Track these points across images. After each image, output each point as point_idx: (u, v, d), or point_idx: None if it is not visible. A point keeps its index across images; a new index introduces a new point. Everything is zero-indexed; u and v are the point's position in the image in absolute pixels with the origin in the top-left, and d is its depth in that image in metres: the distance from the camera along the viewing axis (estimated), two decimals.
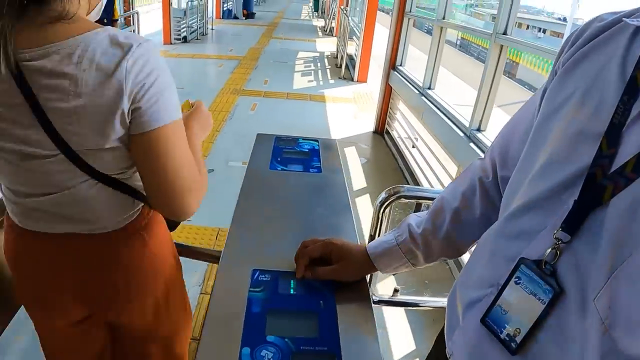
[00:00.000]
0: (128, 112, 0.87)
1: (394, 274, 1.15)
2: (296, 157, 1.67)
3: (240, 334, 0.87)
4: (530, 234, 0.66)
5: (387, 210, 1.58)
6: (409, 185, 1.86)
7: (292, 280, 1.02)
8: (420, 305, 1.80)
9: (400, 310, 2.55)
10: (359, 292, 1.03)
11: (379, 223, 1.61)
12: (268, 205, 1.34)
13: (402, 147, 4.94)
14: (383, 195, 1.57)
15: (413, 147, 4.60)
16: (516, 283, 0.65)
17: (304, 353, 0.86)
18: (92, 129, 0.87)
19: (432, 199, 1.48)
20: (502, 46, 2.94)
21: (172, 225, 1.25)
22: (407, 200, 1.60)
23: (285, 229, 1.22)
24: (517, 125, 0.86)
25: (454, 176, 3.35)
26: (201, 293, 2.74)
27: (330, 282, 1.03)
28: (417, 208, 1.73)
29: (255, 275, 1.02)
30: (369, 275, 1.09)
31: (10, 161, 0.91)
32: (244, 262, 1.06)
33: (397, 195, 1.55)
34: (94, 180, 0.95)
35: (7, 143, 0.89)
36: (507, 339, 0.65)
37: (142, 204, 1.08)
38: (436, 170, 3.80)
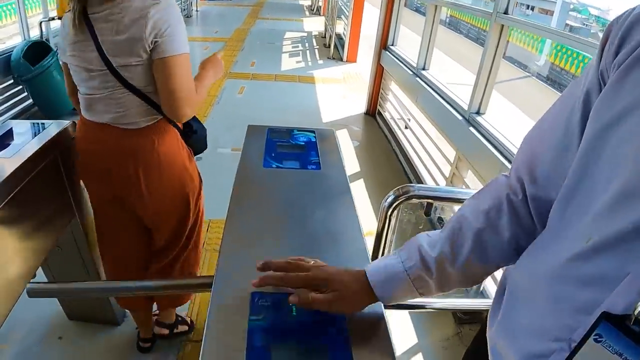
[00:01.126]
0: (150, 43, 1.41)
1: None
2: (292, 152, 1.54)
3: None
4: (606, 280, 0.54)
5: (396, 212, 1.44)
6: (419, 185, 1.73)
7: (293, 306, 0.89)
8: (426, 307, 1.66)
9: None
10: (374, 310, 0.91)
11: (386, 228, 1.47)
12: (264, 212, 1.21)
13: (396, 129, 4.82)
14: (391, 196, 1.43)
15: (406, 128, 4.47)
16: (596, 341, 0.53)
17: None
18: (127, 53, 1.42)
19: (446, 199, 1.35)
20: (502, 26, 2.80)
21: (199, 149, 1.84)
22: (417, 201, 1.46)
23: (285, 241, 1.09)
24: (546, 136, 0.73)
25: (452, 160, 3.24)
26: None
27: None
28: (429, 208, 1.60)
29: (255, 300, 0.89)
30: None
31: (80, 73, 1.50)
32: (241, 285, 0.93)
33: (406, 195, 1.41)
34: (126, 89, 1.48)
35: (79, 63, 1.48)
36: None
37: (160, 117, 1.57)
38: (433, 155, 3.68)
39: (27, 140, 1.56)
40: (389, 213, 1.44)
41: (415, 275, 0.83)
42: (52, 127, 1.68)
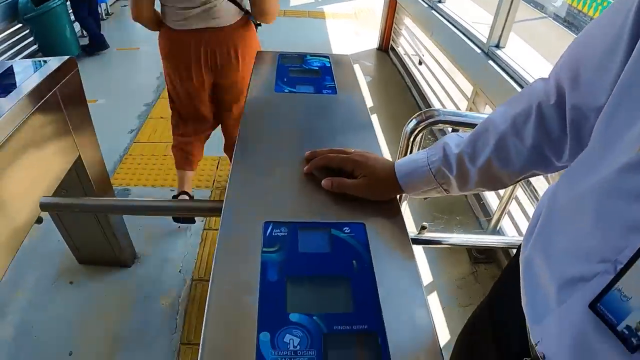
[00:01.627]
0: None
1: (425, 198, 1.09)
2: (305, 77, 1.41)
3: (256, 314, 0.66)
4: None
5: (418, 139, 1.32)
6: (444, 109, 1.59)
7: (314, 233, 0.80)
8: (442, 242, 1.56)
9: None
10: (399, 243, 0.82)
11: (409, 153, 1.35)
12: (277, 136, 1.10)
13: (409, 64, 4.62)
14: (413, 121, 1.30)
15: (420, 64, 4.28)
16: None
17: (338, 334, 0.65)
18: None
19: (472, 125, 1.23)
20: None
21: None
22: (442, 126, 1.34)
23: (301, 167, 0.98)
24: (592, 43, 0.68)
25: (469, 95, 3.08)
26: (204, 229, 2.56)
27: (361, 232, 0.82)
28: None
29: (269, 230, 0.80)
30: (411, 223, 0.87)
31: None
32: (252, 213, 0.84)
33: (430, 120, 1.28)
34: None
35: None
36: (627, 332, 0.48)
37: (243, 14, 2.12)
38: (449, 90, 3.52)
39: (26, 77, 1.44)
40: (410, 140, 1.32)
41: (437, 169, 0.87)
42: (53, 62, 1.55)
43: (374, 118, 3.85)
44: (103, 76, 4.52)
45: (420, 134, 1.31)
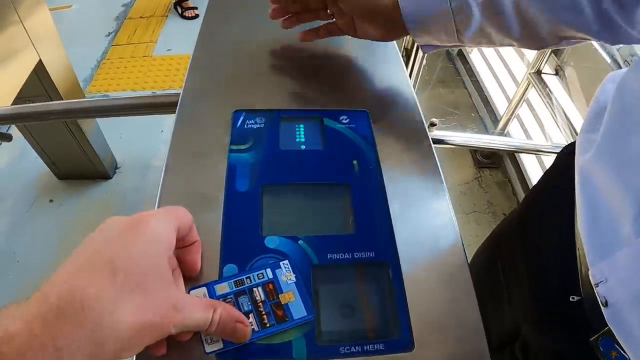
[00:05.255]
0: None
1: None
2: None
3: (219, 239, 0.47)
4: None
5: None
6: None
7: (300, 125, 0.59)
8: (445, 141, 1.33)
9: None
10: (414, 136, 0.60)
11: None
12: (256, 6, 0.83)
13: None
14: None
15: None
16: None
17: (333, 266, 0.46)
18: None
19: None
20: None
21: None
22: None
23: (282, 36, 0.74)
24: None
25: None
26: None
27: (364, 122, 0.60)
28: None
29: (239, 121, 0.58)
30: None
31: None
32: (218, 100, 0.62)
33: None
34: None
35: None
36: None
37: None
38: None
39: None
40: None
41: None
42: None
43: None
44: None
45: None
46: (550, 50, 1.79)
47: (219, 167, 0.52)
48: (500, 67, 2.41)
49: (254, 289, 0.43)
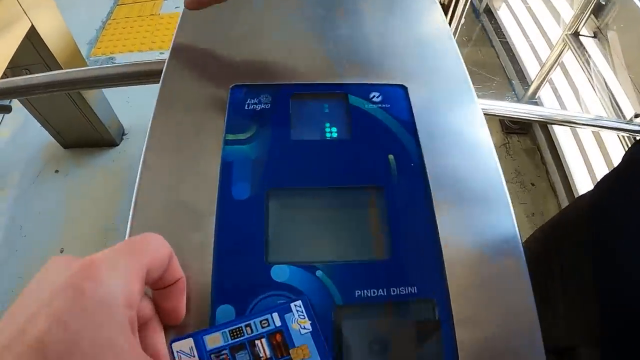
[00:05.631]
0: None
1: None
2: None
3: (210, 269, 0.34)
4: None
5: None
6: None
7: (318, 106, 0.45)
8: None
9: None
10: (467, 121, 0.46)
11: None
12: None
13: None
14: None
15: None
16: None
17: (363, 306, 0.33)
18: None
19: None
20: None
21: None
22: None
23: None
24: None
25: None
26: None
27: (401, 102, 0.45)
28: None
29: (238, 99, 0.45)
30: None
31: None
32: (211, 69, 0.48)
33: None
34: None
35: None
36: None
37: None
38: None
39: None
40: None
41: None
42: None
43: None
44: None
45: None
46: (590, 9, 1.61)
47: (210, 165, 0.39)
48: (532, 26, 2.21)
49: (256, 342, 0.31)
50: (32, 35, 1.40)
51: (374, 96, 0.45)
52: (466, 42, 2.51)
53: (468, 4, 1.10)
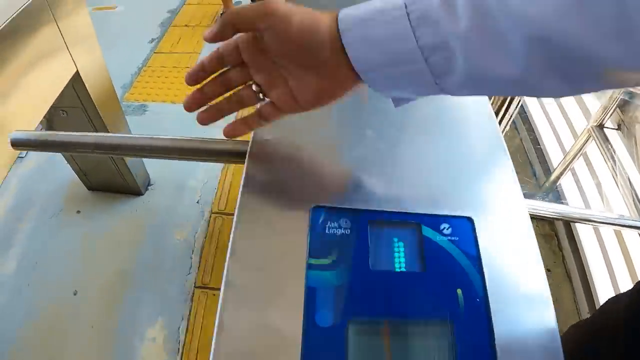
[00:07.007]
0: None
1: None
2: None
3: None
4: None
5: None
6: None
7: (394, 236, 0.48)
8: None
9: None
10: (526, 251, 0.49)
11: None
12: None
13: None
14: None
15: None
16: None
17: None
18: None
19: None
20: None
21: None
22: None
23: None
24: None
25: None
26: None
27: (468, 234, 0.48)
28: None
29: (319, 221, 0.48)
30: None
31: None
32: (292, 193, 0.51)
33: None
34: None
35: None
36: None
37: None
38: None
39: None
40: None
41: (422, 16, 0.37)
42: None
43: None
44: None
45: None
46: (615, 104, 1.67)
47: (296, 289, 0.42)
48: (558, 117, 2.27)
49: None
50: (76, 80, 1.45)
51: (444, 227, 0.49)
52: None
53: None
